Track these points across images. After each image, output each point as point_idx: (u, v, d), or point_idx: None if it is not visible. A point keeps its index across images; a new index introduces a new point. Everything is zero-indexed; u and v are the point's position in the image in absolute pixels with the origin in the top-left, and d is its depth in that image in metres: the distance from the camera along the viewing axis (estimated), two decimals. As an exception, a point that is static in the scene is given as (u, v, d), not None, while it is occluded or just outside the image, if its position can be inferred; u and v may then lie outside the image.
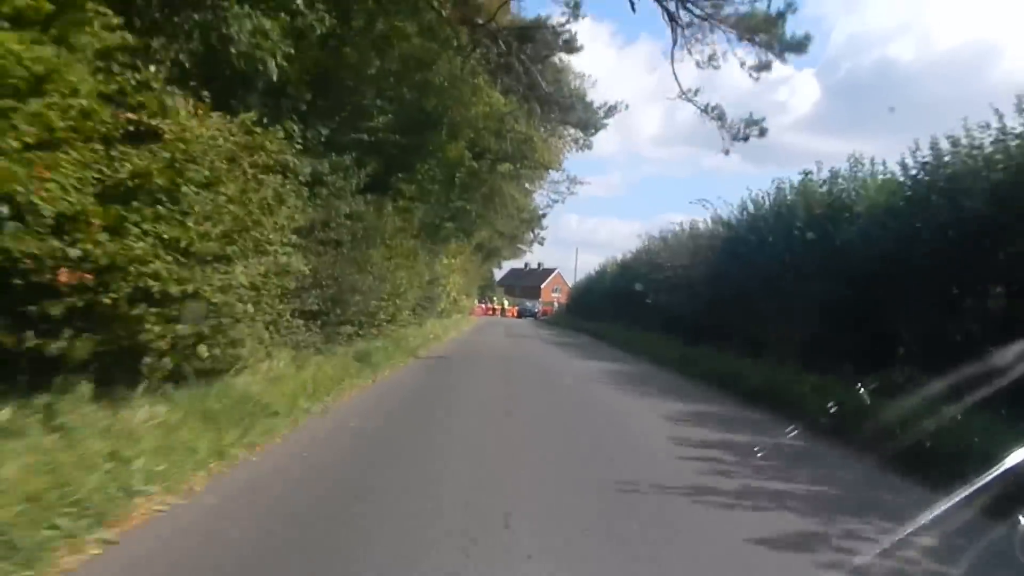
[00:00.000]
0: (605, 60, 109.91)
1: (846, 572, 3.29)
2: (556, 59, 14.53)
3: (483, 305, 68.78)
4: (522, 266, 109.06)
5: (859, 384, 6.79)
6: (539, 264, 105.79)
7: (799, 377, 10.26)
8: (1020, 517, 3.09)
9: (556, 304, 77.62)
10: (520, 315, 67.14)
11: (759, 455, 6.27)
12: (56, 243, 4.22)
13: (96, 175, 4.57)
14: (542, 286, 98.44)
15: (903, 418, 5.75)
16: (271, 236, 6.80)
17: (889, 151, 33.66)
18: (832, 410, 6.79)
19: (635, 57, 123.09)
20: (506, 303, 70.77)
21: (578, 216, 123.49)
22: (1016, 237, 7.32)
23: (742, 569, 3.62)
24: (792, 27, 11.18)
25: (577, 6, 11.66)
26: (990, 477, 3.14)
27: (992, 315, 7.38)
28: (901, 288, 9.20)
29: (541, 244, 45.07)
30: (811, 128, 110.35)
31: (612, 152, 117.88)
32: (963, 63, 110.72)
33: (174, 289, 4.90)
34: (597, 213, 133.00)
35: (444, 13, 11.14)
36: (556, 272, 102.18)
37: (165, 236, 4.84)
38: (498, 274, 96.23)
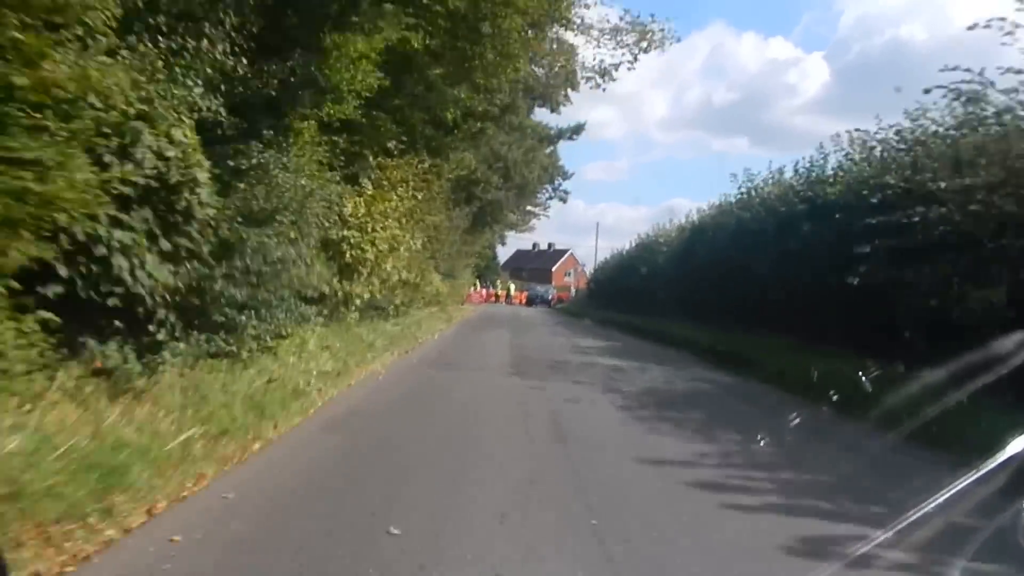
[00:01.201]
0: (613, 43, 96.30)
1: (846, 568, 3.10)
2: None
3: (484, 290, 54.99)
4: (530, 247, 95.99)
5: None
6: (549, 244, 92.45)
7: None
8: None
9: (573, 290, 63.46)
10: (530, 302, 53.52)
11: None
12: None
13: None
14: (553, 269, 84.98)
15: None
16: None
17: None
18: None
19: None
20: (512, 288, 56.83)
21: (584, 203, 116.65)
22: None
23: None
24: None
25: None
26: (993, 464, 2.88)
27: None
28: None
29: (564, 200, 30.95)
30: (820, 110, 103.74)
31: (619, 137, 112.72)
32: (978, 42, 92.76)
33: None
34: (603, 198, 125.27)
35: None
36: (569, 253, 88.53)
37: None
38: (502, 256, 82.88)
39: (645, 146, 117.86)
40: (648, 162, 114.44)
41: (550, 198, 33.46)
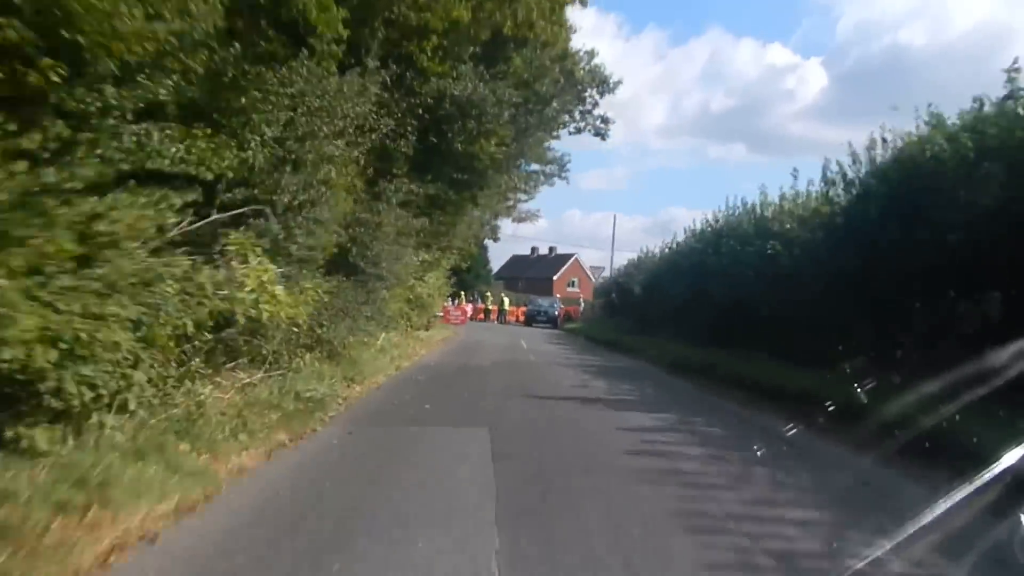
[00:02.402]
0: (612, 51, 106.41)
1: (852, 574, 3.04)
2: None
3: (470, 304, 41.38)
4: (527, 252, 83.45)
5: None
6: (551, 249, 79.47)
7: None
8: (1021, 516, 3.07)
9: (582, 302, 49.78)
10: (530, 320, 39.69)
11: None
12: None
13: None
14: (555, 277, 71.04)
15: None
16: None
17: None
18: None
19: (642, 47, 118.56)
20: (507, 301, 43.01)
21: (581, 212, 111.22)
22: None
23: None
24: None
25: None
26: (989, 476, 3.05)
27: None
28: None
29: (603, 136, 17.70)
30: (819, 117, 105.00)
31: (616, 144, 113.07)
32: (977, 46, 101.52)
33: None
34: (600, 207, 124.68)
35: None
36: (574, 258, 75.36)
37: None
38: (496, 262, 70.08)
39: (642, 154, 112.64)
40: (646, 170, 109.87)
41: (577, 130, 19.61)
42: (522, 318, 41.83)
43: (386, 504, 4.41)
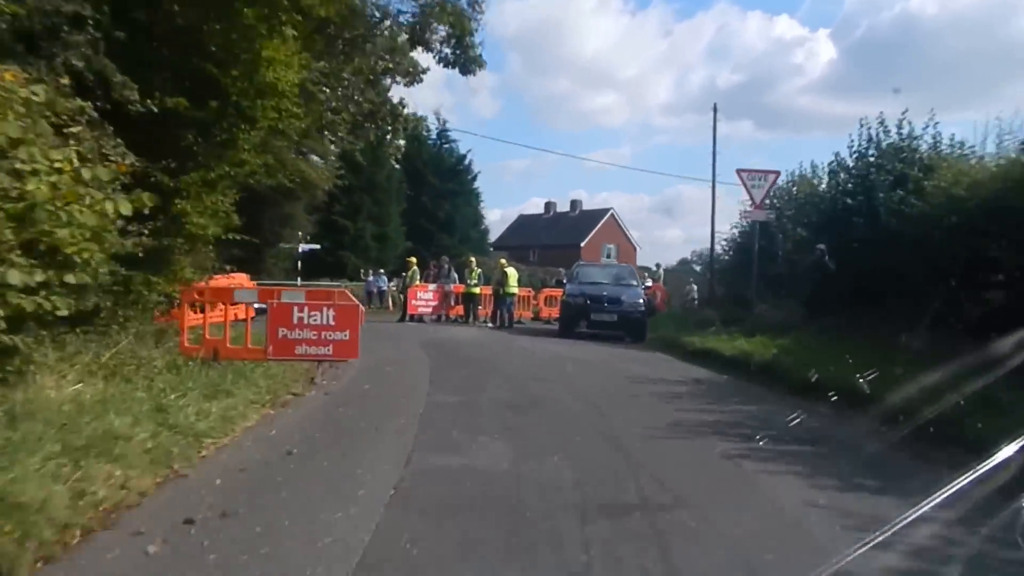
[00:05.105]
0: (617, 26, 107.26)
1: (844, 568, 2.97)
2: None
3: (434, 286, 19.07)
4: (541, 209, 60.59)
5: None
6: (574, 204, 57.06)
7: None
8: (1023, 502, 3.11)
9: (661, 273, 24.88)
10: (571, 321, 14.68)
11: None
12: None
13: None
14: (583, 244, 49.96)
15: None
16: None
17: (914, 113, 17.00)
18: None
19: (647, 23, 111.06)
20: (512, 278, 16.37)
21: (587, 192, 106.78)
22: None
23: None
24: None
25: None
26: (992, 463, 2.91)
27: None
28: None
29: None
30: (827, 91, 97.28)
31: (621, 123, 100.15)
32: (990, 14, 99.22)
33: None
34: (604, 187, 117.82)
35: None
36: (610, 215, 53.97)
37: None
38: (495, 228, 51.63)
39: (648, 132, 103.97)
40: (651, 148, 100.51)
41: None
42: (547, 313, 17.17)
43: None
